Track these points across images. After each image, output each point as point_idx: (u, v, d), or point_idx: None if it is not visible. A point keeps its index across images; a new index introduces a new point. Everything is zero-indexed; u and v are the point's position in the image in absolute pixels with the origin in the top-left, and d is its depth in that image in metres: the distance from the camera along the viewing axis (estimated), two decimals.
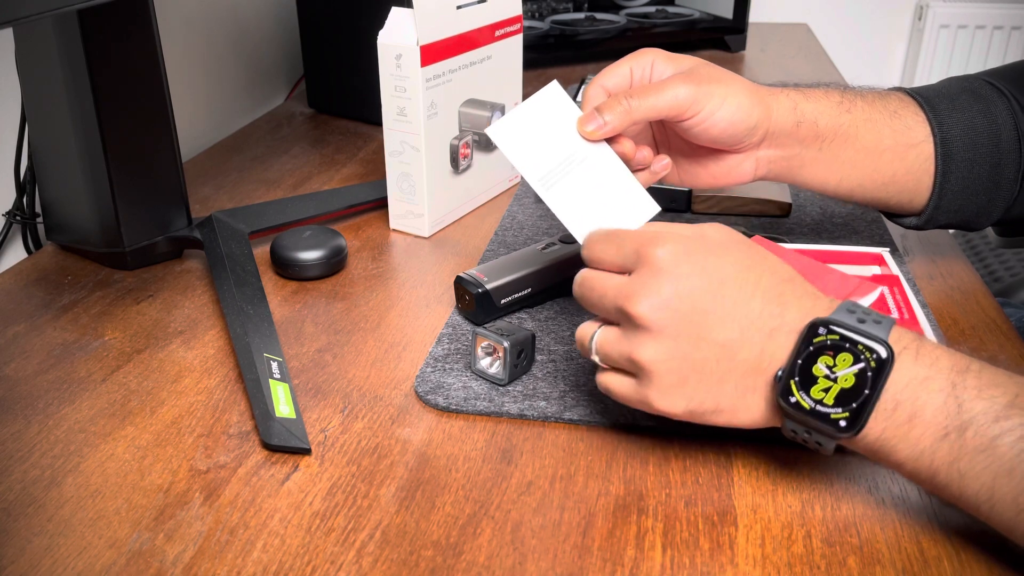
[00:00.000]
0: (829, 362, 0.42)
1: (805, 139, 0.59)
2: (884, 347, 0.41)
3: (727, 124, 0.56)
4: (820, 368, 0.42)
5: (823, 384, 0.42)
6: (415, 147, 0.73)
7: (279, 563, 0.43)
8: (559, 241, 0.66)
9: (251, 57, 1.15)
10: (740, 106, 0.56)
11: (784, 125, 0.59)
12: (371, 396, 0.55)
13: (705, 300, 0.43)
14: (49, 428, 0.53)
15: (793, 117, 0.59)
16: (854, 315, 0.43)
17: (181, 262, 0.73)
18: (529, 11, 1.42)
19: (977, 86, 0.63)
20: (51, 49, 0.64)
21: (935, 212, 0.63)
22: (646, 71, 0.58)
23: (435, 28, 0.70)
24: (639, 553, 0.43)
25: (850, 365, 0.41)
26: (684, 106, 0.55)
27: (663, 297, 0.44)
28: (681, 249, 0.44)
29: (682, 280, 0.44)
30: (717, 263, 0.44)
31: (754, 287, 0.44)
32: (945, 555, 0.43)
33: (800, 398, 0.42)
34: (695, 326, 0.43)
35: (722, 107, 0.55)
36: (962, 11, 1.82)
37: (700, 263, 0.44)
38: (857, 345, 0.41)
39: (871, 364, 0.41)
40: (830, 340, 0.42)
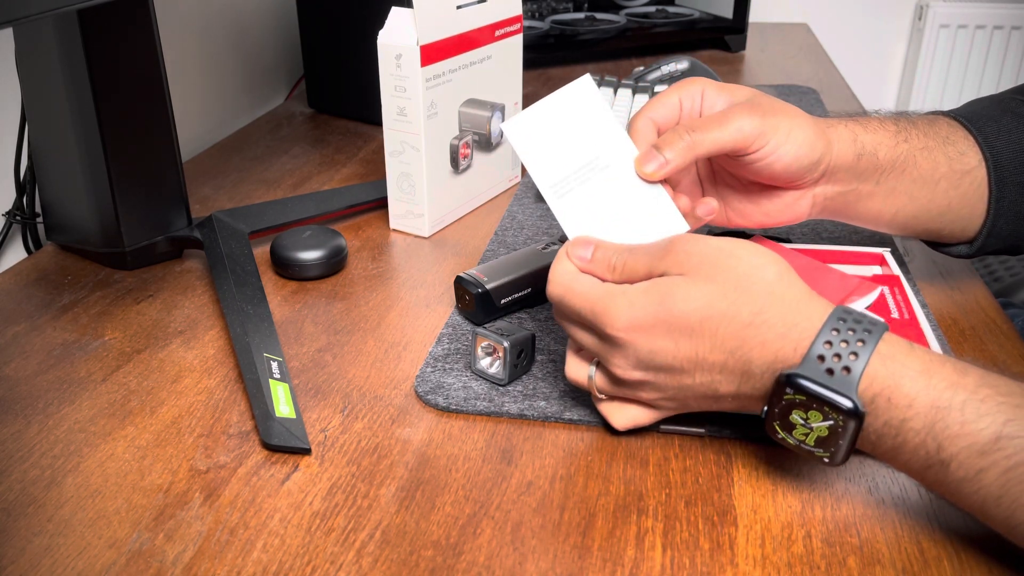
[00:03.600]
0: (802, 415, 0.43)
1: (864, 172, 0.56)
2: (851, 404, 0.41)
3: (792, 159, 0.52)
4: (795, 418, 0.43)
5: (802, 430, 0.43)
6: (415, 147, 0.73)
7: (279, 563, 0.43)
8: (559, 241, 0.66)
9: (251, 57, 1.15)
10: (806, 139, 0.53)
11: (845, 159, 0.55)
12: (371, 396, 0.55)
13: (668, 358, 0.45)
14: (49, 428, 0.53)
15: (854, 150, 0.55)
16: (823, 364, 0.42)
17: (181, 262, 0.73)
18: (529, 11, 1.42)
19: (1014, 106, 0.61)
20: (51, 49, 0.64)
21: (987, 239, 0.60)
22: (696, 101, 0.55)
23: (435, 28, 0.70)
24: (639, 553, 0.43)
25: (821, 420, 0.42)
26: (750, 140, 0.51)
27: (632, 361, 0.46)
28: (633, 320, 0.45)
29: (642, 347, 0.45)
30: (672, 320, 0.44)
31: (711, 340, 0.44)
32: (945, 555, 0.43)
33: (784, 436, 0.44)
34: (673, 375, 0.46)
35: (788, 140, 0.52)
36: (962, 11, 1.82)
37: (654, 327, 0.44)
38: (824, 405, 0.41)
39: (839, 422, 0.42)
40: (797, 399, 0.42)
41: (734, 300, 0.43)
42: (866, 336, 0.42)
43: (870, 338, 0.42)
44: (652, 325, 0.44)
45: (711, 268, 0.44)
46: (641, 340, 0.45)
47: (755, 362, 0.43)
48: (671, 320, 0.44)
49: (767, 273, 0.44)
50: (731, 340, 0.43)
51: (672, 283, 0.44)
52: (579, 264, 0.48)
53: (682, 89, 0.55)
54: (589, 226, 0.49)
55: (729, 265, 0.44)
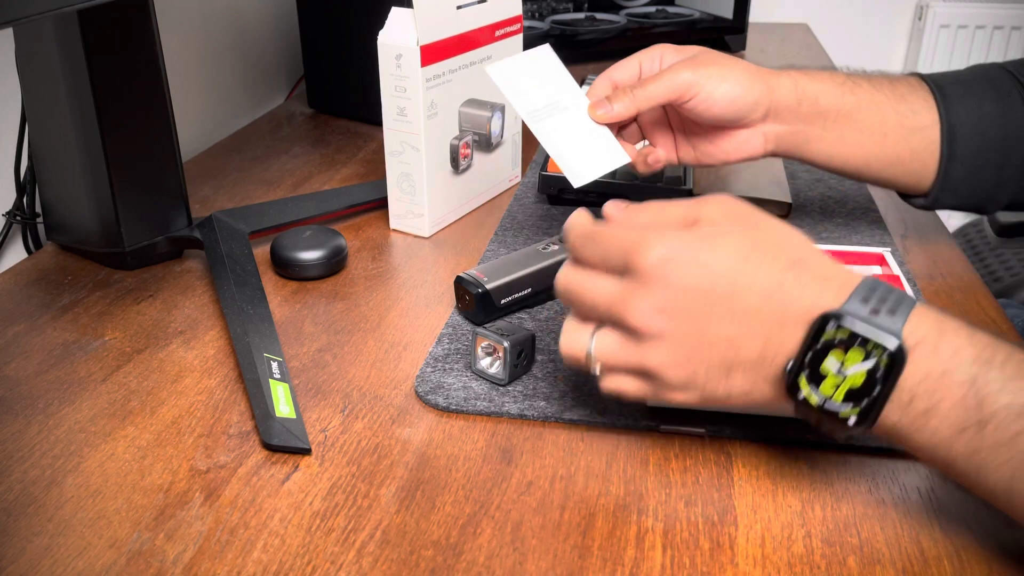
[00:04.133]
0: (840, 357, 0.40)
1: (808, 116, 0.63)
2: (895, 342, 0.39)
3: (727, 101, 0.60)
4: (829, 365, 0.40)
5: (833, 380, 0.41)
6: (415, 147, 0.73)
7: (279, 563, 0.43)
8: (559, 241, 0.66)
9: (251, 57, 1.15)
10: (738, 83, 0.60)
11: (786, 102, 0.62)
12: (371, 396, 0.55)
13: (700, 300, 0.42)
14: (49, 428, 0.53)
15: (794, 95, 0.62)
16: (868, 305, 0.40)
17: (181, 262, 0.73)
18: (529, 11, 1.42)
19: (997, 75, 0.65)
20: (51, 49, 0.64)
21: (941, 194, 0.65)
22: (655, 64, 0.63)
23: (435, 28, 0.70)
24: (639, 553, 0.43)
25: (860, 362, 0.40)
26: (683, 89, 0.60)
27: (657, 303, 0.42)
28: (669, 252, 0.42)
29: (674, 284, 0.42)
30: (710, 259, 0.42)
31: (751, 279, 0.41)
32: (945, 555, 0.43)
33: (808, 393, 0.41)
34: (696, 326, 0.42)
35: (720, 86, 0.60)
36: (962, 11, 1.82)
37: (691, 262, 0.42)
38: (868, 342, 0.39)
39: (882, 362, 0.39)
40: (839, 337, 0.40)
41: (773, 246, 0.43)
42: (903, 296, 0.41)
43: (907, 298, 0.41)
44: (692, 260, 0.42)
45: (750, 220, 0.44)
46: (676, 274, 0.41)
47: (792, 307, 0.41)
48: (712, 257, 0.42)
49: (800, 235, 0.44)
50: (770, 283, 0.41)
51: (716, 228, 0.43)
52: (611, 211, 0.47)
53: (644, 54, 0.64)
54: (562, 146, 0.61)
55: (767, 222, 0.44)
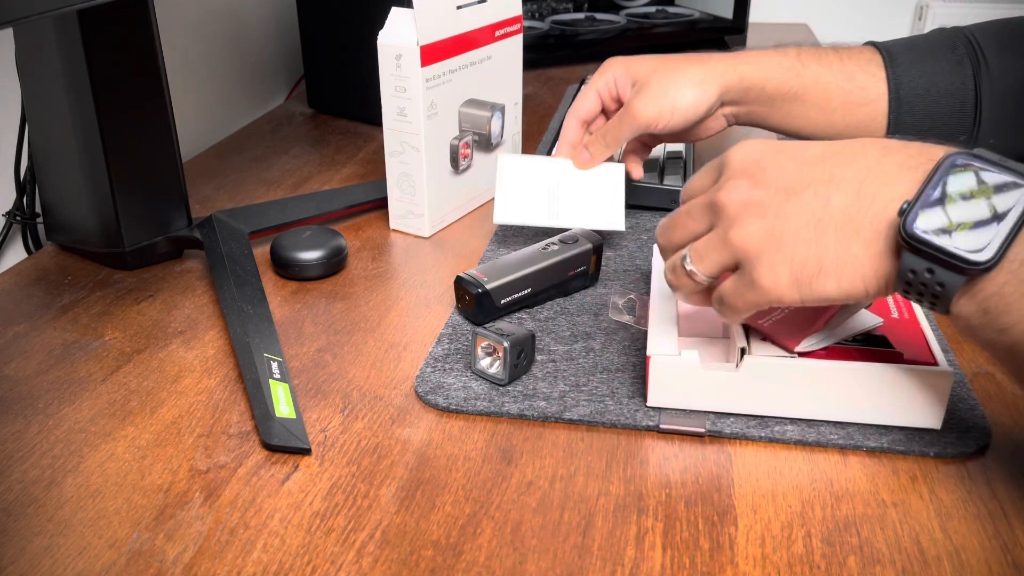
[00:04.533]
0: (974, 178, 0.39)
1: (756, 100, 0.69)
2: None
3: (684, 119, 0.68)
4: (958, 187, 0.39)
5: (962, 210, 0.39)
6: (415, 147, 0.73)
7: (279, 563, 0.43)
8: (559, 241, 0.66)
9: (251, 57, 1.15)
10: (690, 102, 0.67)
11: (734, 92, 0.69)
12: (371, 396, 0.55)
13: (790, 166, 0.43)
14: (49, 428, 0.53)
15: (742, 85, 0.68)
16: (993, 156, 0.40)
17: (181, 262, 0.73)
18: (529, 11, 1.42)
19: (954, 40, 0.69)
20: (51, 49, 0.64)
21: None
22: (611, 87, 0.70)
23: (435, 28, 0.70)
24: (639, 553, 0.43)
25: (990, 196, 0.39)
26: (646, 125, 0.67)
27: (747, 181, 0.44)
28: (764, 143, 0.46)
29: (766, 159, 0.44)
30: (803, 142, 0.45)
31: (844, 144, 0.44)
32: (945, 555, 0.43)
33: (926, 223, 0.39)
34: (784, 191, 0.43)
35: (675, 112, 0.67)
36: (962, 11, 1.82)
37: (783, 144, 0.45)
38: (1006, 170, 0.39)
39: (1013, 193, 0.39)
40: (973, 167, 0.39)
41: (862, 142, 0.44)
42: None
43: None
44: (785, 145, 0.45)
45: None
46: (768, 154, 0.44)
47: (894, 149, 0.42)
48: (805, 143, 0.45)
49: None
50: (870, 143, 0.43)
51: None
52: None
53: (596, 82, 0.70)
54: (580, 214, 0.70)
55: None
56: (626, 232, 0.76)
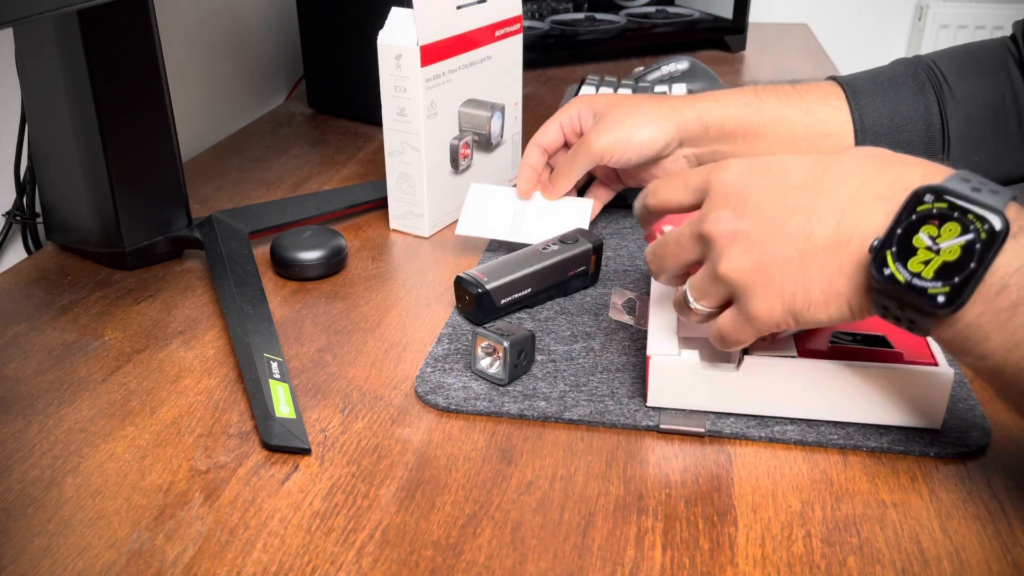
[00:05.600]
0: (933, 232, 0.39)
1: (718, 138, 0.69)
2: (999, 219, 0.38)
3: (640, 150, 0.68)
4: (922, 238, 0.39)
5: (923, 256, 0.39)
6: (415, 147, 0.73)
7: (279, 563, 0.43)
8: (559, 241, 0.66)
9: (251, 57, 1.15)
10: (647, 137, 0.68)
11: (693, 132, 0.69)
12: (371, 396, 0.55)
13: (772, 191, 0.44)
14: (49, 428, 0.53)
15: (700, 124, 0.68)
16: (968, 183, 0.39)
17: (181, 262, 0.73)
18: (529, 11, 1.42)
19: (915, 69, 0.69)
20: (51, 49, 0.64)
21: None
22: (574, 120, 0.72)
23: (435, 28, 0.70)
24: (639, 553, 0.43)
25: (957, 236, 0.38)
26: (603, 154, 0.69)
27: (732, 210, 0.44)
28: (746, 166, 0.46)
29: (748, 187, 0.44)
30: (785, 162, 0.45)
31: (825, 168, 0.43)
32: (945, 555, 0.43)
33: (895, 270, 0.40)
34: (769, 222, 0.43)
35: (629, 145, 0.68)
36: (962, 11, 1.82)
37: (767, 167, 0.45)
38: (968, 214, 0.38)
39: (981, 236, 0.38)
40: (937, 208, 0.39)
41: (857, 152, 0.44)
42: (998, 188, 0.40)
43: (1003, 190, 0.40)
44: (767, 165, 0.45)
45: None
46: (750, 180, 0.45)
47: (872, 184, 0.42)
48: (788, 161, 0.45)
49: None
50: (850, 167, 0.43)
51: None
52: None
53: (562, 115, 0.73)
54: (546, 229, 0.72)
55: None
56: (626, 232, 0.76)
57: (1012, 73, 0.66)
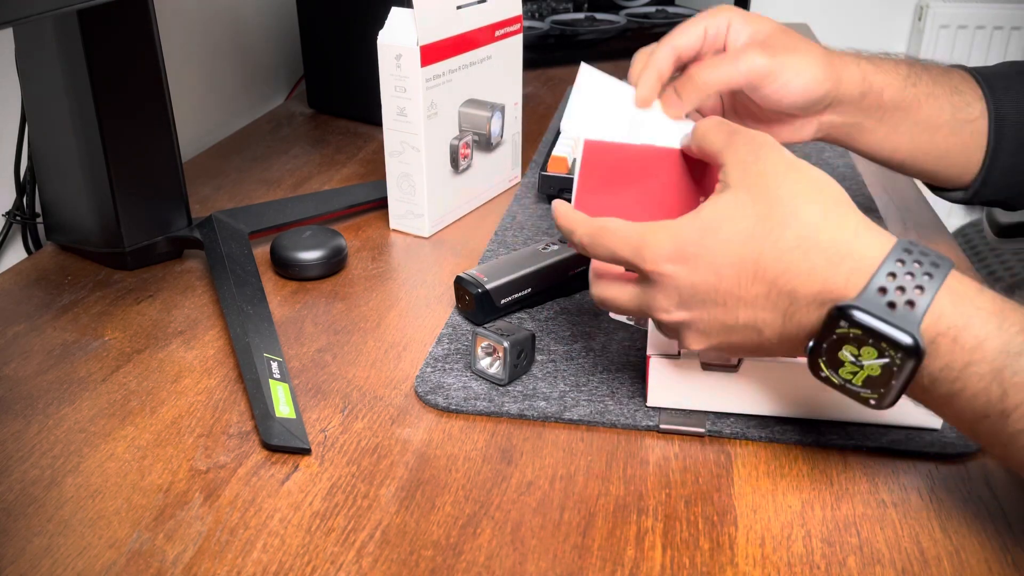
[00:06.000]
0: (854, 352, 0.40)
1: (869, 109, 0.61)
2: (911, 341, 0.38)
3: (799, 95, 0.58)
4: (845, 355, 0.40)
5: (850, 368, 0.40)
6: (415, 147, 0.73)
7: (279, 563, 0.43)
8: (559, 241, 0.66)
9: (251, 57, 1.15)
10: (814, 77, 0.58)
11: (851, 95, 0.60)
12: (371, 396, 0.55)
13: (710, 294, 0.43)
14: (49, 428, 0.53)
15: (861, 88, 0.60)
16: (884, 296, 0.39)
17: (181, 262, 0.73)
18: (529, 11, 1.42)
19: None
20: (51, 49, 0.64)
21: (981, 187, 0.64)
22: (721, 31, 0.59)
23: (435, 28, 0.70)
24: (639, 553, 0.43)
25: (875, 358, 0.39)
26: (759, 76, 0.57)
27: (674, 300, 0.44)
28: (672, 252, 0.43)
29: (682, 281, 0.43)
30: (712, 253, 0.42)
31: (755, 267, 0.41)
32: (945, 555, 0.43)
33: (828, 374, 0.41)
34: (717, 312, 0.43)
35: (796, 78, 0.57)
36: (962, 11, 1.82)
37: (694, 258, 0.43)
38: (881, 340, 0.38)
39: (896, 360, 0.39)
40: (851, 333, 0.39)
41: (781, 220, 0.41)
42: (933, 270, 0.39)
43: (938, 272, 0.39)
44: (693, 252, 0.42)
45: (768, 181, 0.42)
46: (683, 273, 0.43)
47: (800, 292, 0.41)
48: (714, 245, 0.42)
49: (826, 195, 0.42)
50: (774, 267, 0.41)
51: (719, 205, 0.43)
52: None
53: (708, 19, 0.59)
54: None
55: (788, 182, 0.42)
56: None
57: None
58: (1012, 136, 0.62)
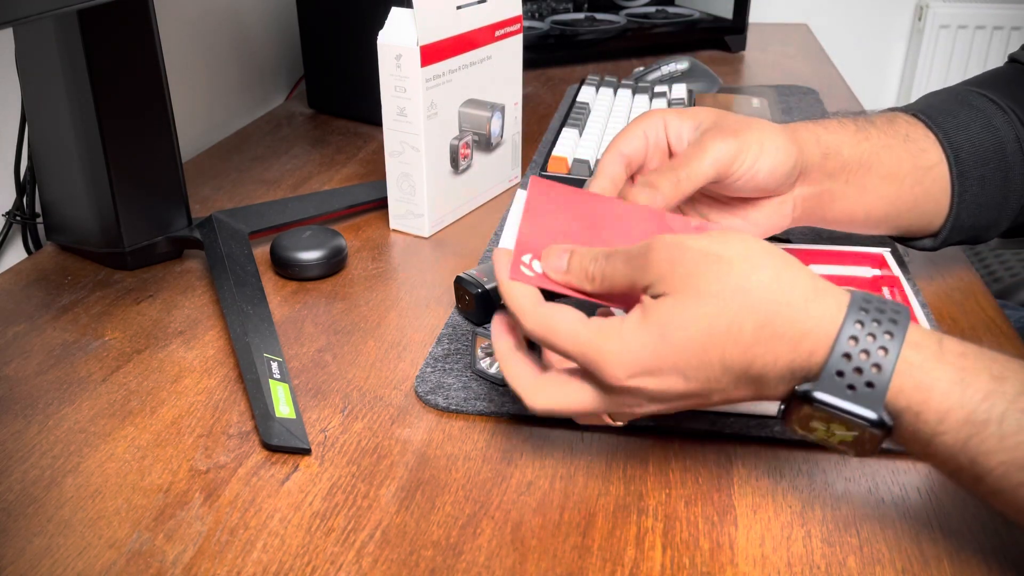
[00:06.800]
0: (823, 425, 0.40)
1: (833, 172, 0.58)
2: (875, 416, 0.38)
3: (771, 169, 0.54)
4: (815, 426, 0.40)
5: (823, 434, 0.41)
6: (415, 147, 0.73)
7: (279, 563, 0.43)
8: None
9: (251, 57, 1.15)
10: (780, 147, 0.55)
11: (813, 159, 0.57)
12: (371, 396, 0.55)
13: (682, 392, 0.41)
14: (49, 428, 0.53)
15: (819, 149, 0.57)
16: (843, 379, 0.38)
17: (181, 262, 0.73)
18: (529, 11, 1.42)
19: (971, 98, 0.62)
20: (51, 49, 0.64)
21: (951, 232, 0.62)
22: (660, 131, 0.56)
23: (435, 28, 0.70)
24: (639, 553, 0.43)
25: (846, 430, 0.40)
26: (729, 163, 0.53)
27: (643, 405, 0.42)
28: (630, 368, 0.41)
29: (646, 393, 0.41)
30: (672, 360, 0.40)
31: (720, 364, 0.40)
32: (945, 555, 0.43)
33: (804, 435, 0.41)
34: (689, 400, 0.42)
35: (763, 153, 0.54)
36: (962, 11, 1.82)
37: (655, 373, 0.41)
38: (847, 413, 0.39)
39: (867, 432, 0.39)
40: (819, 414, 0.39)
41: (734, 316, 0.39)
42: (892, 327, 0.39)
43: (897, 330, 0.39)
44: (656, 365, 0.40)
45: (700, 280, 0.40)
46: (648, 383, 0.41)
47: (769, 375, 0.40)
48: (674, 355, 0.40)
49: (763, 276, 0.40)
50: (739, 361, 0.40)
51: (665, 311, 0.40)
52: (556, 276, 0.45)
53: (643, 123, 0.56)
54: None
55: (720, 273, 0.40)
56: None
57: None
58: (973, 174, 0.60)
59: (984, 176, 0.60)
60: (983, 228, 0.63)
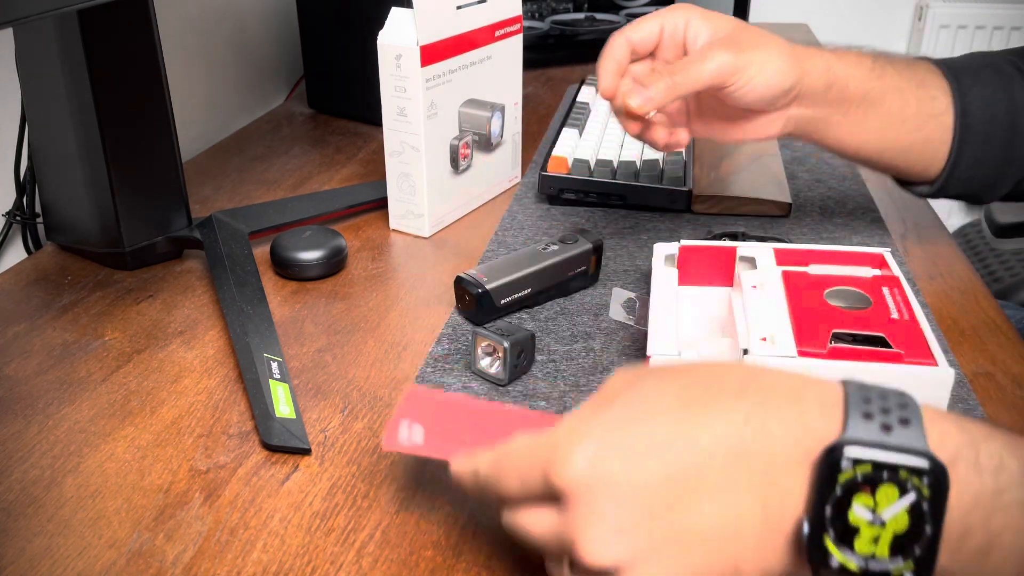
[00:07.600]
0: (868, 503, 0.31)
1: (834, 102, 0.60)
2: (930, 462, 0.30)
3: (764, 89, 0.57)
4: (859, 514, 0.31)
5: (869, 534, 0.31)
6: (415, 147, 0.73)
7: (279, 563, 0.43)
8: (559, 241, 0.66)
9: (251, 57, 1.15)
10: (779, 70, 0.57)
11: (816, 86, 0.59)
12: (371, 396, 0.55)
13: (655, 497, 0.32)
14: (49, 428, 0.53)
15: (825, 79, 0.59)
16: (872, 421, 0.31)
17: (181, 262, 0.73)
18: (529, 11, 1.42)
19: (1000, 63, 0.64)
20: (51, 49, 0.64)
21: (947, 182, 0.64)
22: (679, 28, 0.59)
23: (435, 28, 0.70)
24: None
25: (897, 500, 0.31)
26: (726, 76, 0.56)
27: (609, 527, 0.32)
28: (593, 454, 0.33)
29: (615, 491, 0.32)
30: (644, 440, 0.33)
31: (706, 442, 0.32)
32: None
33: (844, 559, 0.31)
34: (668, 532, 0.32)
35: (761, 73, 0.56)
36: (962, 11, 1.82)
37: (624, 454, 0.33)
38: (898, 471, 0.30)
39: (924, 493, 0.30)
40: (860, 473, 0.31)
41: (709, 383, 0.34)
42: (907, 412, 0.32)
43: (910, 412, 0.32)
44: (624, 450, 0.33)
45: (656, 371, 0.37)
46: (613, 477, 0.32)
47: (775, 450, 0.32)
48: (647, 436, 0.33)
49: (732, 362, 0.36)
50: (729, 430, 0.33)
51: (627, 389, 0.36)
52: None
53: (665, 16, 0.59)
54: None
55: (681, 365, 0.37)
56: (626, 232, 0.76)
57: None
58: (978, 130, 0.62)
59: (989, 134, 0.62)
60: (981, 186, 0.64)
